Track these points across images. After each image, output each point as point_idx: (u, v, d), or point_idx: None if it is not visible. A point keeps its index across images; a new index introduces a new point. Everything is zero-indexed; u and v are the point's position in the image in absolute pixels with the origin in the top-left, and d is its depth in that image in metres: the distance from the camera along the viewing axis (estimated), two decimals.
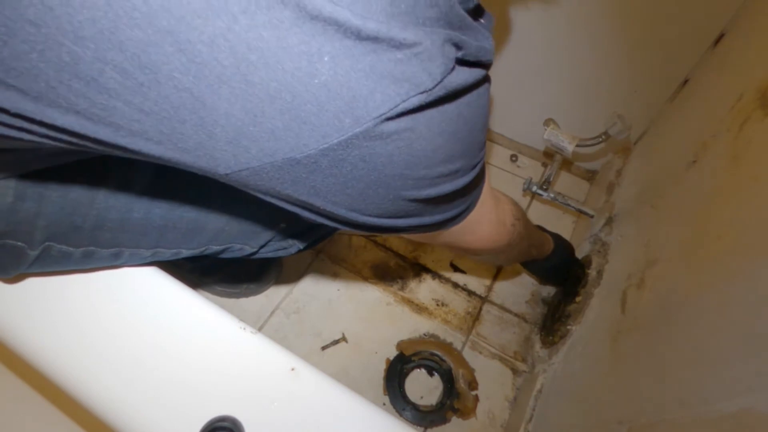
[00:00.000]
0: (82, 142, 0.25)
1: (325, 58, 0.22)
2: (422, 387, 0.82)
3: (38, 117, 0.23)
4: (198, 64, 0.21)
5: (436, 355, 0.82)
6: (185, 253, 0.48)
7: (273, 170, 0.25)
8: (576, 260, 0.81)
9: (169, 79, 0.21)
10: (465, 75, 0.27)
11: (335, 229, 0.34)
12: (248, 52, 0.21)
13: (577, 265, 0.81)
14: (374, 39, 0.22)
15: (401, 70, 0.23)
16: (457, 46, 0.26)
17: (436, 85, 0.25)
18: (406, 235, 0.42)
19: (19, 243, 0.38)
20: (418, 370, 0.83)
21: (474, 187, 0.39)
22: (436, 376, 0.82)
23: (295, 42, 0.21)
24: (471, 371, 0.81)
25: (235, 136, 0.24)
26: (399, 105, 0.24)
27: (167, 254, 0.47)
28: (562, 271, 0.81)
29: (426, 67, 0.24)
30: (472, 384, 0.80)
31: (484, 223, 0.46)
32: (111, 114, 0.23)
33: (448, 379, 0.80)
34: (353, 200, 0.29)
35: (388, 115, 0.24)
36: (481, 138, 0.34)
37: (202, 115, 0.23)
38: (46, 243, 0.39)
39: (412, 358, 0.82)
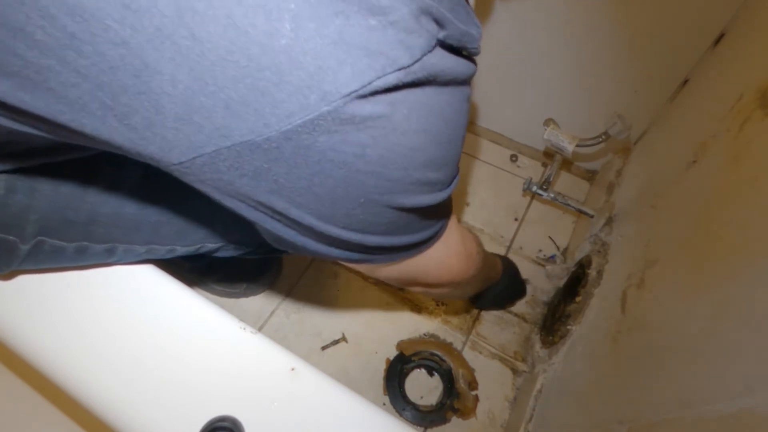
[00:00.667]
0: (23, 125, 0.23)
1: (285, 16, 0.19)
2: (422, 387, 0.82)
3: None
4: (134, 12, 0.18)
5: (436, 355, 0.82)
6: (180, 250, 0.48)
7: (230, 158, 0.22)
8: (516, 272, 0.82)
9: (103, 30, 0.18)
10: (448, 61, 0.25)
11: (295, 251, 0.33)
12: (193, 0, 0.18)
13: (518, 279, 0.83)
14: None
15: (375, 40, 0.20)
16: (439, 23, 0.24)
17: (415, 62, 0.22)
18: (369, 266, 0.38)
19: (11, 237, 0.37)
20: (418, 370, 0.83)
21: (446, 209, 0.36)
22: (436, 376, 0.82)
23: None
24: (471, 371, 0.81)
25: (185, 110, 0.20)
26: (372, 82, 0.21)
27: (162, 251, 0.47)
28: (514, 288, 0.82)
29: (403, 40, 0.21)
30: (472, 384, 0.80)
31: (452, 255, 0.43)
32: (45, 77, 0.20)
33: (448, 379, 0.80)
34: (320, 202, 0.25)
35: (361, 92, 0.21)
36: (459, 151, 0.31)
37: (145, 79, 0.19)
38: (38, 237, 0.38)
39: (412, 358, 0.82)
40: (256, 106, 0.20)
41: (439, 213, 0.35)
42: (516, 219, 1.02)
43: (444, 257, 0.41)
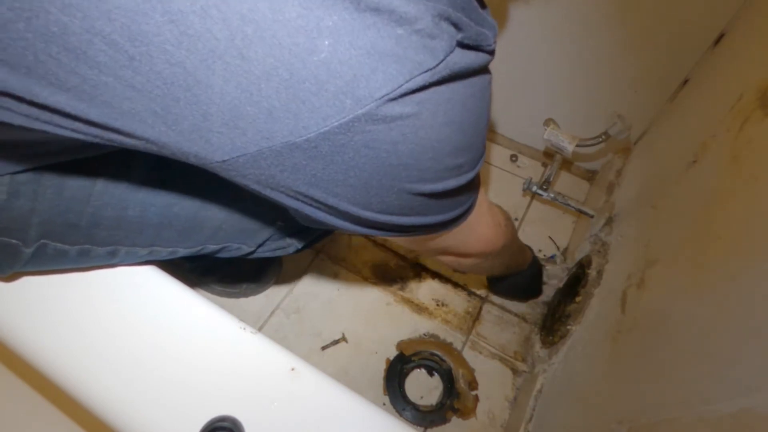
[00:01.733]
0: (73, 125, 0.24)
1: (324, 33, 0.21)
2: (422, 387, 0.82)
3: (27, 96, 0.22)
4: (190, 37, 0.20)
5: (436, 355, 0.82)
6: (182, 252, 0.48)
7: (271, 156, 0.24)
8: (541, 271, 0.83)
9: (160, 52, 0.20)
10: (468, 58, 0.27)
11: (333, 229, 0.34)
12: (243, 25, 0.20)
13: (540, 278, 0.84)
14: (374, 10, 0.21)
15: (403, 47, 0.22)
16: (456, 26, 0.26)
17: (439, 63, 0.24)
18: (406, 239, 0.41)
19: (14, 240, 0.38)
20: (418, 370, 0.83)
21: (476, 185, 0.38)
22: (436, 376, 0.82)
23: (293, 15, 0.20)
24: (471, 371, 0.81)
25: (231, 117, 0.22)
26: (402, 85, 0.23)
27: (164, 253, 0.47)
28: (533, 285, 0.83)
29: (427, 45, 0.23)
30: (472, 384, 0.80)
31: (482, 224, 0.45)
32: (102, 91, 0.22)
33: (448, 379, 0.80)
34: (356, 192, 0.27)
35: (392, 95, 0.23)
36: (484, 133, 0.33)
37: (196, 92, 0.22)
38: (41, 241, 0.39)
39: (412, 358, 0.82)
40: (297, 112, 0.22)
41: (470, 190, 0.37)
42: (516, 219, 1.02)
43: (475, 226, 0.43)
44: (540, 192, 0.88)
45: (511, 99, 1.01)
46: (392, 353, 0.83)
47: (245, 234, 0.51)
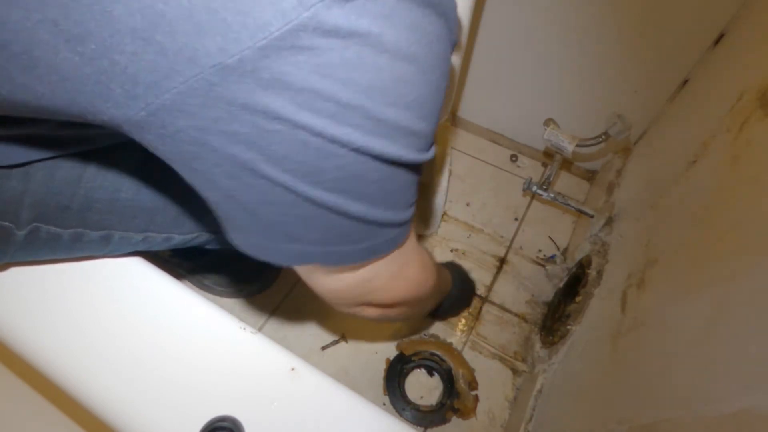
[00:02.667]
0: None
1: None
2: (422, 387, 0.82)
3: None
4: None
5: (436, 355, 0.82)
6: (177, 238, 0.48)
7: (200, 89, 0.19)
8: (465, 274, 0.81)
9: None
10: None
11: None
12: None
13: (468, 280, 0.82)
14: None
15: None
16: None
17: None
18: (319, 272, 0.35)
19: (6, 223, 0.37)
20: (418, 370, 0.83)
21: (414, 194, 0.33)
22: (436, 376, 0.82)
23: None
24: (471, 371, 0.81)
25: (145, 26, 0.18)
26: None
27: (158, 239, 0.46)
28: (465, 289, 0.81)
29: None
30: (472, 384, 0.80)
31: (413, 264, 0.39)
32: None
33: (448, 379, 0.80)
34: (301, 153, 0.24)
35: None
36: (440, 106, 0.28)
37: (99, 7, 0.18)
38: (34, 224, 0.38)
39: (412, 358, 0.82)
40: (224, 16, 0.18)
41: (411, 194, 0.32)
42: (516, 219, 1.02)
43: (404, 264, 0.38)
44: (540, 192, 0.88)
45: (512, 99, 1.01)
46: (392, 353, 0.83)
47: None
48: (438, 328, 0.87)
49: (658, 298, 0.49)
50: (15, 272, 0.45)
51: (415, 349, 0.83)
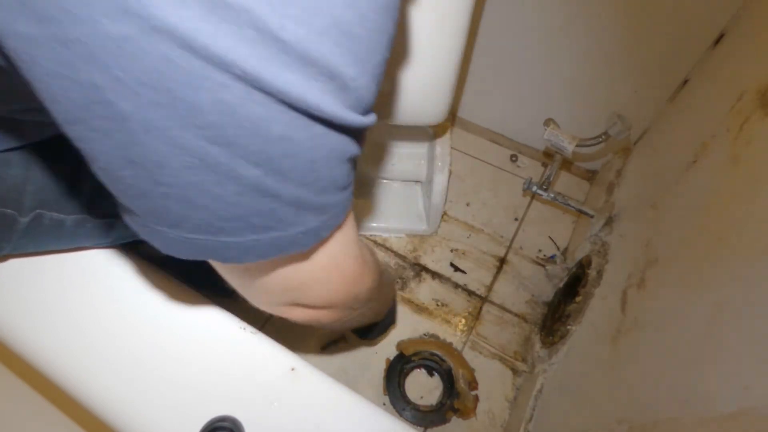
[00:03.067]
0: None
1: None
2: (422, 387, 0.82)
3: None
4: None
5: (436, 355, 0.82)
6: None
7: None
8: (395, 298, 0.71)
9: None
10: None
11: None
12: None
13: (395, 306, 0.71)
14: None
15: None
16: None
17: None
18: (241, 266, 0.28)
19: (9, 210, 0.37)
20: (418, 370, 0.83)
21: (350, 175, 0.26)
22: (436, 376, 0.82)
23: None
24: (471, 371, 0.81)
25: None
26: None
27: None
28: (392, 316, 0.71)
29: None
30: (472, 384, 0.80)
31: (348, 257, 0.32)
32: None
33: (448, 379, 0.80)
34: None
35: None
36: (374, 66, 0.21)
37: None
38: (37, 210, 0.38)
39: (412, 358, 0.82)
40: None
41: (341, 172, 0.24)
42: (516, 219, 1.02)
43: (339, 256, 0.31)
44: (540, 192, 0.88)
45: (512, 99, 1.01)
46: (392, 353, 0.83)
47: None
48: (438, 329, 0.87)
49: (658, 298, 0.49)
50: (15, 272, 0.45)
51: (415, 348, 0.83)
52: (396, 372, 0.81)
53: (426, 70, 0.59)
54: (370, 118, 0.23)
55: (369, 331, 0.66)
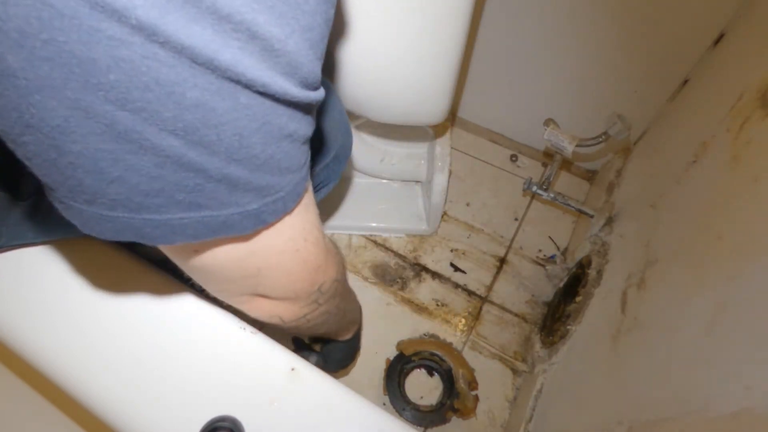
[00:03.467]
0: None
1: None
2: (422, 387, 0.82)
3: None
4: None
5: (436, 355, 0.82)
6: None
7: None
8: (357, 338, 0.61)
9: None
10: None
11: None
12: None
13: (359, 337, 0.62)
14: None
15: None
16: None
17: None
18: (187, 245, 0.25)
19: (4, 193, 0.36)
20: (418, 370, 0.83)
21: (302, 153, 0.24)
22: (436, 377, 0.82)
23: None
24: (471, 371, 0.81)
25: None
26: None
27: None
28: (352, 352, 0.62)
29: None
30: (472, 384, 0.80)
31: (309, 241, 0.30)
32: None
33: (448, 379, 0.80)
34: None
35: None
36: (314, 35, 0.20)
37: None
38: (35, 196, 0.37)
39: (412, 358, 0.82)
40: None
41: (285, 151, 0.22)
42: (516, 219, 1.02)
43: (298, 239, 0.28)
44: (540, 192, 0.88)
45: (512, 99, 1.01)
46: (392, 353, 0.83)
47: None
48: (438, 329, 0.87)
49: (658, 298, 0.49)
50: (15, 271, 0.45)
51: (415, 348, 0.83)
52: (396, 372, 0.81)
53: (426, 70, 0.59)
54: (316, 94, 0.21)
55: (329, 355, 0.59)
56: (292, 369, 0.43)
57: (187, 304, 0.46)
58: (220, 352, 0.43)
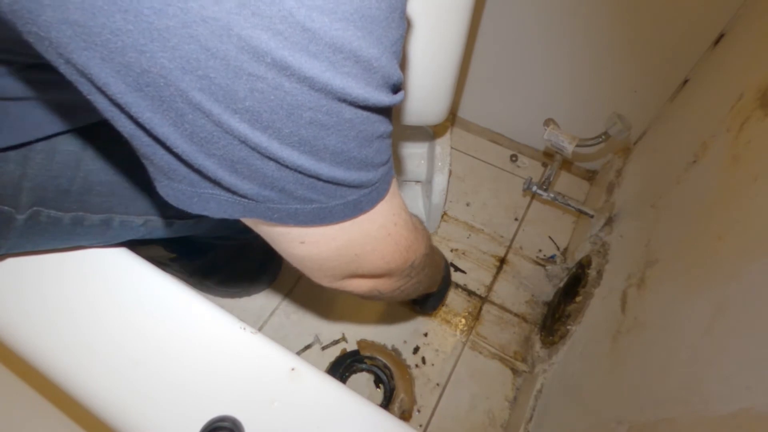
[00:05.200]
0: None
1: None
2: (361, 391, 0.81)
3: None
4: None
5: (389, 369, 0.82)
6: (179, 223, 0.47)
7: None
8: (448, 267, 0.75)
9: None
10: None
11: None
12: None
13: (449, 273, 0.75)
14: None
15: None
16: None
17: None
18: (293, 234, 0.30)
19: (6, 207, 0.37)
20: (368, 374, 0.82)
21: (387, 147, 0.28)
22: (381, 390, 0.81)
23: None
24: (412, 401, 0.80)
25: None
26: None
27: (159, 223, 0.46)
28: (447, 282, 0.75)
29: None
30: (406, 414, 0.79)
31: (399, 225, 0.34)
32: None
33: (388, 398, 0.80)
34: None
35: None
36: (392, 44, 0.23)
37: None
38: (34, 208, 0.38)
39: (365, 360, 0.82)
40: None
41: (376, 149, 0.26)
42: (516, 219, 1.02)
43: (389, 224, 0.33)
44: (540, 192, 0.88)
45: (512, 99, 1.01)
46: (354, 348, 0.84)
47: None
48: (438, 329, 0.87)
49: (658, 298, 0.49)
50: (15, 272, 0.45)
51: (371, 351, 0.82)
52: (344, 364, 0.81)
53: (426, 71, 0.59)
54: (399, 96, 0.25)
55: (425, 303, 0.74)
56: (292, 369, 0.43)
57: (187, 304, 0.46)
58: (220, 352, 0.43)
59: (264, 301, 0.88)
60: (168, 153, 0.23)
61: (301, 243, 0.30)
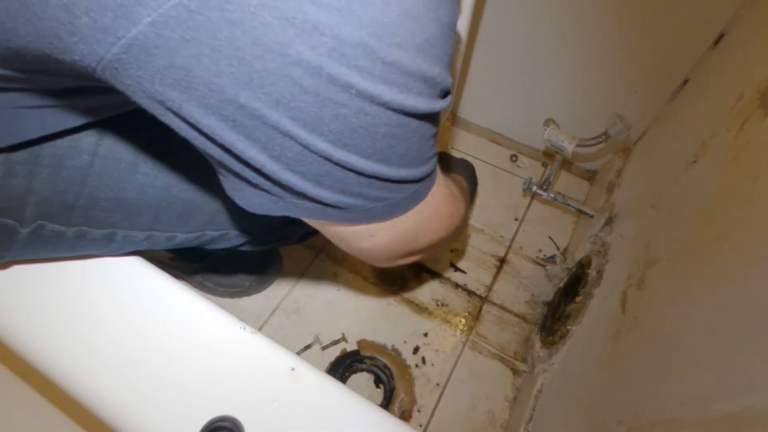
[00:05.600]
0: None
1: None
2: (361, 391, 0.81)
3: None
4: None
5: (389, 369, 0.82)
6: (180, 237, 0.47)
7: (178, 22, 0.18)
8: (471, 168, 0.86)
9: None
10: None
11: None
12: None
13: (472, 173, 0.86)
14: None
15: None
16: None
17: None
18: (361, 229, 0.33)
19: (10, 221, 0.37)
20: (368, 374, 0.82)
21: (435, 137, 0.31)
22: (381, 390, 0.81)
23: None
24: (412, 401, 0.80)
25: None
26: None
27: (162, 238, 0.46)
28: (474, 186, 0.87)
29: None
30: (406, 414, 0.79)
31: (444, 201, 0.38)
32: None
33: (388, 398, 0.80)
34: (269, 86, 0.21)
35: None
36: (449, 60, 0.26)
37: None
38: (38, 222, 0.38)
39: (366, 360, 0.82)
40: None
41: (429, 147, 0.30)
42: (516, 219, 1.02)
43: (435, 207, 0.36)
44: (540, 192, 0.88)
45: (512, 99, 1.01)
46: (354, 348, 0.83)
47: (246, 218, 0.49)
48: (438, 329, 0.87)
49: (658, 298, 0.49)
50: (15, 272, 0.45)
51: (371, 352, 0.82)
52: (344, 364, 0.81)
53: None
54: (448, 100, 0.28)
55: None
56: (292, 369, 0.43)
57: (187, 304, 0.46)
58: (220, 352, 0.43)
59: (264, 301, 0.88)
60: (255, 172, 0.26)
61: (371, 236, 0.34)
